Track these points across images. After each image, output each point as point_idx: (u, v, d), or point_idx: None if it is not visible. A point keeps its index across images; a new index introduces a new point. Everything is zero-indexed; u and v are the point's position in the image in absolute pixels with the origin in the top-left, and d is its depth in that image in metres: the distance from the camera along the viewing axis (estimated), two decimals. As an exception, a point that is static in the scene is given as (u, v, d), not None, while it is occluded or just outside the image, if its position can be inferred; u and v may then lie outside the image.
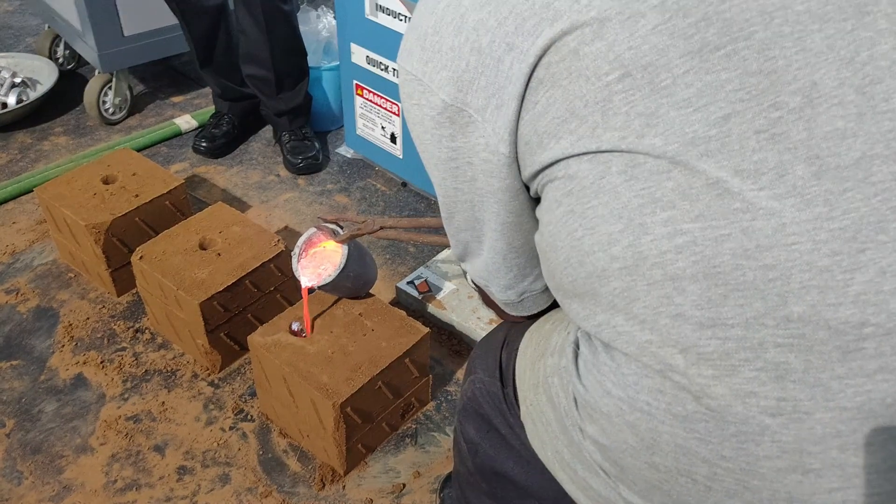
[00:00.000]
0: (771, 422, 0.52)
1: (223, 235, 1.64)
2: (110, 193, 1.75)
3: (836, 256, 0.50)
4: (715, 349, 0.53)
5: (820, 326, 0.51)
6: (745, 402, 0.53)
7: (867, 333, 0.50)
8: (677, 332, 0.54)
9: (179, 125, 2.37)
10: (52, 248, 1.91)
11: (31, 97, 2.40)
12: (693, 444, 0.55)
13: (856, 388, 0.51)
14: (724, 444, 0.54)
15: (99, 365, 1.62)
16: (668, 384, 0.56)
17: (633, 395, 0.58)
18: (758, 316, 0.51)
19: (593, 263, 0.58)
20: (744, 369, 0.52)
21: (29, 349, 1.65)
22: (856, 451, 0.52)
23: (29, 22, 2.99)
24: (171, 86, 2.63)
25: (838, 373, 0.51)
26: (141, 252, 1.59)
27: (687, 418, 0.55)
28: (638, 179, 0.54)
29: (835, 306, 0.50)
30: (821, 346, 0.51)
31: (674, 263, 0.53)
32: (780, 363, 0.51)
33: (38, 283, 1.82)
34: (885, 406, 0.51)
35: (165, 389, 1.58)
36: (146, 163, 1.86)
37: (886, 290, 0.50)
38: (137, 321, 1.73)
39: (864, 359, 0.50)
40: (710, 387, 0.53)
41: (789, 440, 0.52)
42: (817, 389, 0.51)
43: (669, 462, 0.57)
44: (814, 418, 0.52)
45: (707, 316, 0.53)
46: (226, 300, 1.54)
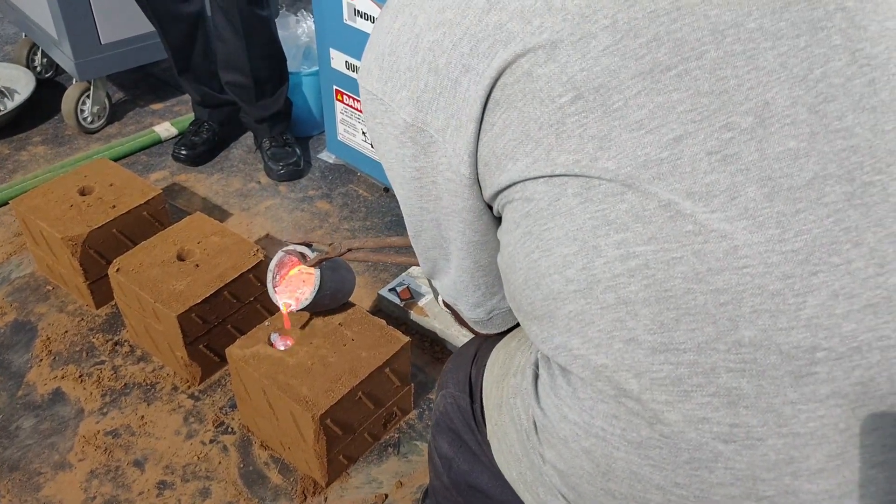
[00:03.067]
0: (724, 448, 0.52)
1: (202, 246, 1.62)
2: (87, 205, 1.73)
3: (789, 280, 0.50)
4: (668, 374, 0.52)
5: (771, 351, 0.50)
6: (698, 428, 0.52)
7: (819, 358, 0.50)
8: (630, 357, 0.53)
9: (159, 133, 2.34)
10: (30, 260, 1.89)
11: (8, 107, 2.38)
12: (647, 471, 0.55)
13: (808, 413, 0.50)
14: (678, 471, 0.53)
15: (77, 379, 1.60)
16: (622, 410, 0.55)
17: (589, 421, 0.57)
18: (709, 340, 0.51)
19: (549, 286, 0.57)
20: (696, 395, 0.51)
21: (6, 364, 1.63)
22: (809, 478, 0.51)
23: (6, 30, 2.96)
24: (150, 93, 2.60)
25: (791, 398, 0.50)
26: (118, 264, 1.57)
27: (641, 444, 0.54)
28: (592, 202, 0.53)
29: (786, 330, 0.50)
30: (772, 370, 0.50)
31: (626, 287, 0.53)
32: (732, 388, 0.51)
33: (16, 296, 1.80)
34: (839, 431, 0.50)
35: (145, 403, 1.56)
36: (123, 173, 1.84)
37: (839, 314, 0.49)
38: (116, 334, 1.71)
39: (816, 383, 0.50)
40: (664, 413, 0.53)
41: (742, 467, 0.52)
42: (769, 415, 0.50)
43: (624, 489, 0.56)
44: (766, 444, 0.51)
45: (659, 341, 0.52)
46: (204, 312, 1.52)
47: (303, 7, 2.67)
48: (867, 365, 0.49)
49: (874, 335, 0.49)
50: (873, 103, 0.51)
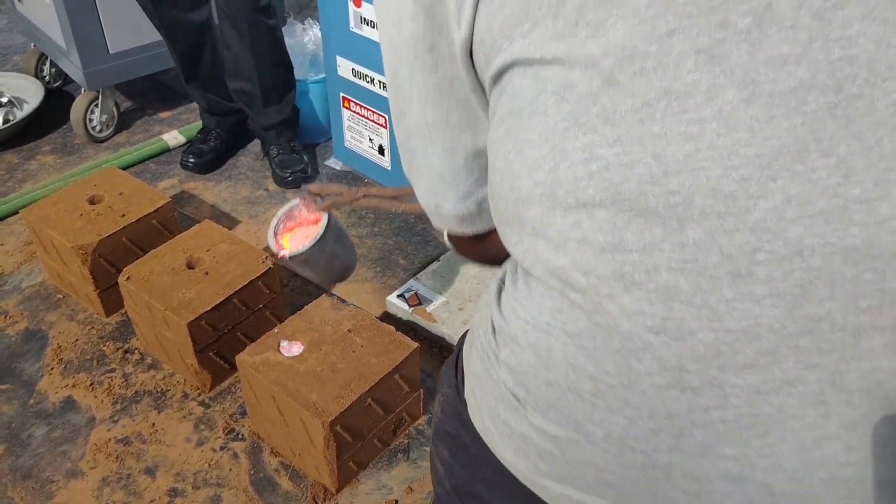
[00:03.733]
0: (654, 339, 0.53)
1: (210, 254, 1.63)
2: (97, 213, 1.75)
3: (745, 182, 0.49)
4: (612, 272, 0.53)
5: (713, 252, 0.50)
6: (632, 319, 0.53)
7: (759, 259, 0.50)
8: (581, 257, 0.54)
9: (167, 141, 2.36)
10: (40, 269, 1.90)
11: (17, 117, 2.39)
12: (581, 361, 0.56)
13: (742, 311, 0.50)
14: (608, 360, 0.55)
15: (88, 387, 1.61)
16: (565, 303, 0.56)
17: (536, 317, 0.59)
18: (655, 241, 0.51)
19: (520, 188, 0.57)
20: (636, 290, 0.53)
21: (18, 373, 1.64)
22: (736, 372, 0.52)
23: (15, 40, 2.98)
24: (158, 101, 2.62)
25: (726, 296, 0.50)
26: (128, 273, 1.58)
27: (577, 335, 0.56)
28: (567, 102, 0.53)
29: (731, 233, 0.50)
30: (712, 270, 0.50)
31: (585, 190, 0.53)
32: (670, 286, 0.51)
33: (27, 305, 1.81)
34: (772, 331, 0.50)
35: (156, 410, 1.57)
36: (132, 181, 1.85)
37: (788, 218, 0.49)
38: (127, 342, 1.72)
39: (753, 284, 0.50)
40: (603, 305, 0.54)
41: (670, 358, 0.52)
42: (703, 311, 0.51)
43: (561, 378, 0.58)
44: (696, 338, 0.52)
45: (609, 241, 0.53)
46: (214, 319, 1.53)
47: (310, 15, 2.68)
48: (807, 268, 0.49)
49: (820, 241, 0.49)
50: (886, 14, 0.48)
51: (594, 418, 0.57)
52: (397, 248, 1.98)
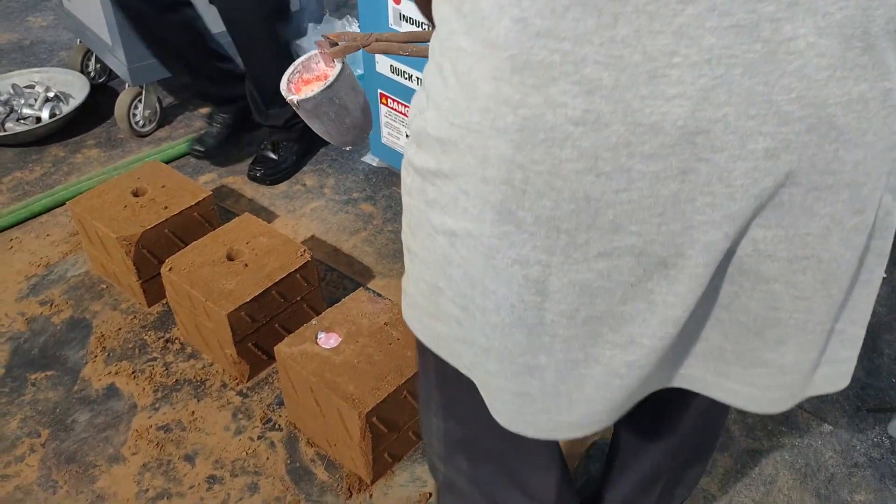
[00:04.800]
0: (574, 129, 0.57)
1: (250, 246, 1.66)
2: (140, 206, 1.78)
3: None
4: (543, 59, 0.57)
5: (637, 50, 0.55)
6: (556, 111, 0.57)
7: (675, 62, 0.55)
8: (515, 37, 0.58)
9: (208, 136, 2.39)
10: (85, 259, 1.95)
11: (63, 111, 2.45)
12: (511, 152, 0.60)
13: (653, 108, 0.56)
14: (535, 150, 0.59)
15: (130, 375, 1.65)
16: (492, 102, 0.60)
17: (468, 119, 0.62)
18: (587, 32, 0.55)
19: None
20: (561, 81, 0.57)
21: (63, 360, 1.69)
22: (641, 160, 0.57)
23: (62, 36, 3.06)
24: (198, 97, 2.66)
25: (641, 93, 0.56)
26: (170, 264, 1.62)
27: (506, 130, 0.59)
28: None
29: (655, 34, 0.55)
30: (633, 67, 0.55)
31: None
32: (594, 79, 0.56)
33: (72, 294, 1.86)
34: (675, 127, 0.56)
35: (195, 399, 1.60)
36: (175, 175, 1.89)
37: (707, 27, 0.54)
38: (168, 331, 1.76)
39: (667, 84, 0.55)
40: (528, 96, 0.58)
41: (587, 146, 0.57)
42: (619, 105, 0.56)
43: (494, 172, 0.61)
44: (611, 129, 0.57)
45: (545, 26, 0.56)
46: (253, 310, 1.56)
47: (349, 12, 2.71)
48: (713, 76, 0.55)
49: (727, 52, 0.55)
50: None
51: (525, 205, 0.61)
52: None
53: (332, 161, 2.34)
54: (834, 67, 0.56)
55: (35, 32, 3.11)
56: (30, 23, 3.19)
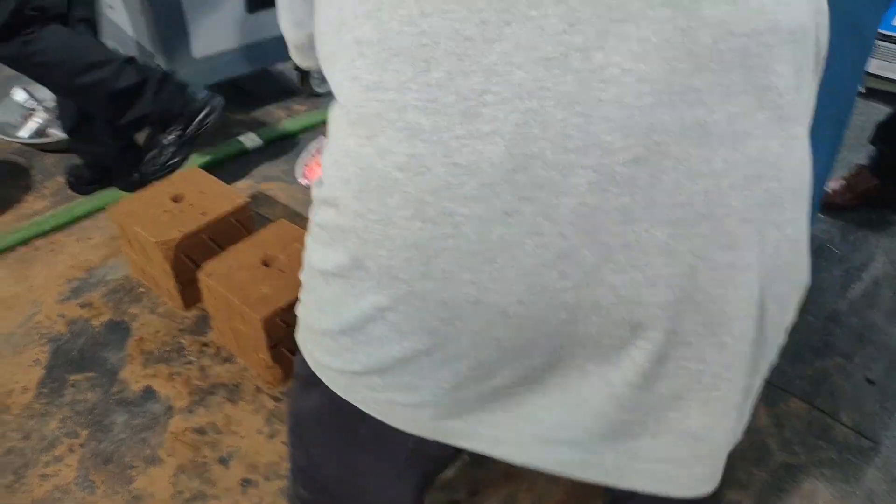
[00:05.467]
0: (400, 175, 0.57)
1: (286, 252, 1.68)
2: (179, 211, 1.81)
3: (484, 26, 0.55)
4: (372, 111, 0.58)
5: (450, 91, 0.55)
6: (384, 159, 0.58)
7: (487, 101, 0.54)
8: (352, 94, 0.60)
9: (244, 143, 2.43)
10: (125, 263, 1.98)
11: (105, 118, 2.50)
12: (351, 202, 0.61)
13: (470, 147, 0.55)
14: (370, 198, 0.59)
15: (167, 378, 1.67)
16: (341, 155, 0.62)
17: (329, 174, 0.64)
18: (407, 80, 0.56)
19: (319, 27, 0.66)
20: (388, 129, 0.57)
21: (101, 362, 1.72)
22: (463, 202, 0.56)
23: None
24: (234, 104, 2.70)
25: (457, 133, 0.55)
26: (208, 268, 1.64)
27: (349, 181, 0.61)
28: None
29: (467, 74, 0.55)
30: (448, 109, 0.55)
31: (360, 28, 0.59)
32: (414, 124, 0.56)
33: (111, 297, 1.89)
34: (492, 165, 0.55)
35: (230, 402, 1.62)
36: (213, 181, 1.92)
37: (515, 63, 0.54)
38: (204, 335, 1.78)
39: (480, 122, 0.55)
40: (362, 147, 0.59)
41: (412, 191, 0.57)
42: (438, 147, 0.56)
43: (344, 221, 0.62)
44: (432, 172, 0.56)
45: (373, 79, 0.58)
46: (288, 316, 1.57)
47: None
48: (524, 110, 0.54)
49: (537, 85, 0.54)
50: None
51: (367, 253, 0.62)
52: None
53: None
54: (659, 93, 0.54)
55: (79, 41, 3.18)
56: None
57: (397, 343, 0.64)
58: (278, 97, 2.74)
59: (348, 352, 0.68)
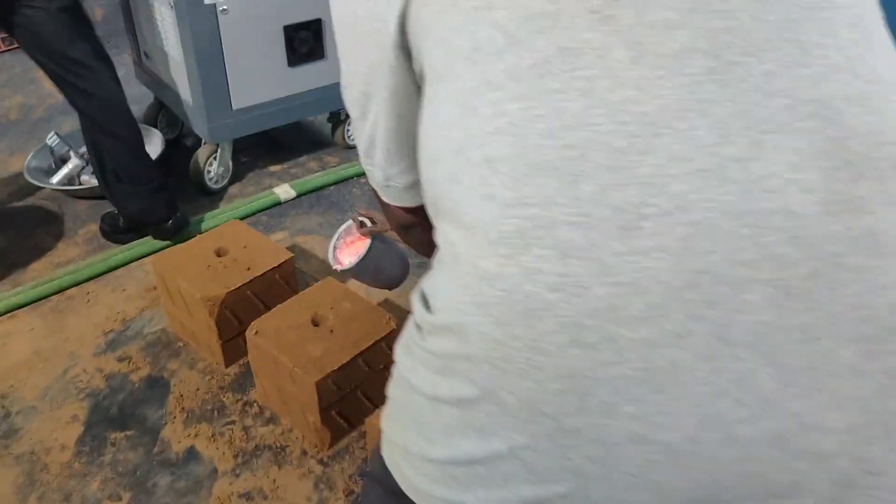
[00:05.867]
0: (553, 297, 0.53)
1: (334, 311, 1.66)
2: (223, 266, 1.79)
3: (634, 139, 0.53)
4: (514, 228, 0.55)
5: (605, 206, 0.52)
6: (532, 279, 0.54)
7: (646, 213, 0.52)
8: (487, 213, 0.56)
9: (279, 195, 2.42)
10: (161, 315, 1.95)
11: (138, 165, 2.50)
12: (489, 329, 0.56)
13: (632, 264, 0.52)
14: (515, 324, 0.55)
15: (210, 438, 1.63)
16: (472, 279, 0.57)
17: (452, 298, 0.60)
18: (553, 194, 0.54)
19: (435, 147, 0.62)
20: (535, 247, 0.54)
21: (142, 419, 1.68)
22: (629, 326, 0.52)
23: (131, 91, 3.12)
24: (268, 155, 2.70)
25: (616, 249, 0.52)
26: (256, 327, 1.61)
27: (484, 304, 0.56)
28: (476, 63, 0.57)
29: (621, 187, 0.52)
30: (603, 224, 0.52)
31: (492, 144, 0.56)
32: (566, 241, 0.53)
33: (149, 351, 1.86)
34: (659, 283, 0.51)
35: (276, 466, 1.58)
36: (255, 235, 1.90)
37: (671, 174, 0.52)
38: (246, 393, 1.75)
39: (641, 237, 0.52)
40: (505, 267, 0.55)
41: (568, 315, 0.53)
42: (596, 265, 0.52)
43: (475, 350, 0.58)
44: (591, 293, 0.52)
45: (512, 196, 0.55)
46: (339, 379, 1.54)
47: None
48: (689, 222, 0.51)
49: (699, 196, 0.51)
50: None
51: (506, 386, 0.57)
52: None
53: (401, 223, 2.35)
54: (825, 202, 0.52)
55: (107, 86, 3.18)
56: (102, 76, 3.27)
57: (529, 484, 0.57)
58: (311, 149, 2.75)
59: (458, 484, 0.62)
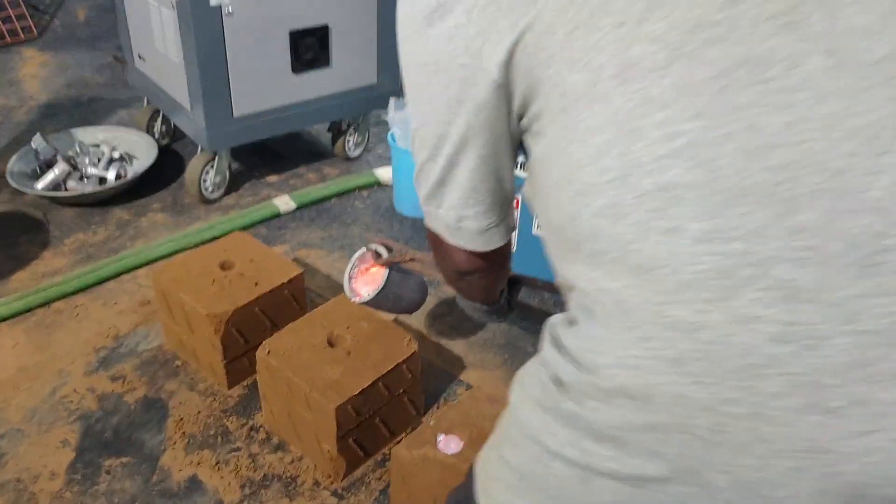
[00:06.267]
0: (778, 351, 0.45)
1: (351, 331, 1.55)
2: (229, 280, 1.68)
3: (854, 158, 0.45)
4: (713, 267, 0.46)
5: (834, 237, 0.44)
6: (747, 328, 0.45)
7: (888, 245, 0.44)
8: (669, 250, 0.48)
9: (278, 206, 2.32)
10: (157, 332, 1.83)
11: (128, 172, 2.38)
12: (690, 390, 0.47)
13: (880, 308, 0.44)
14: (726, 385, 0.46)
15: (214, 466, 1.51)
16: (654, 328, 0.48)
17: (622, 354, 0.50)
18: (763, 226, 0.45)
19: (582, 180, 0.52)
20: (746, 290, 0.45)
21: (139, 445, 1.55)
22: (884, 384, 0.43)
23: (120, 95, 3.01)
24: (264, 165, 2.60)
25: (857, 291, 0.44)
26: (268, 346, 1.51)
27: (679, 360, 0.48)
28: (631, 81, 0.49)
29: (851, 213, 0.44)
30: (835, 259, 0.44)
31: (669, 170, 0.48)
32: (788, 281, 0.45)
33: (144, 370, 1.73)
34: None
35: (287, 498, 1.46)
36: (261, 248, 1.80)
37: None
38: (251, 418, 1.63)
39: (886, 274, 0.44)
40: (707, 313, 0.46)
41: (802, 372, 0.44)
42: (833, 310, 0.44)
43: (665, 418, 0.49)
44: (830, 344, 0.44)
45: (704, 228, 0.47)
46: (359, 404, 1.44)
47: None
48: None
49: None
50: None
51: (715, 462, 0.48)
52: (524, 334, 1.89)
53: (407, 239, 2.26)
54: None
55: (93, 89, 3.06)
56: (87, 79, 3.15)
57: None
58: (309, 160, 2.65)
59: None
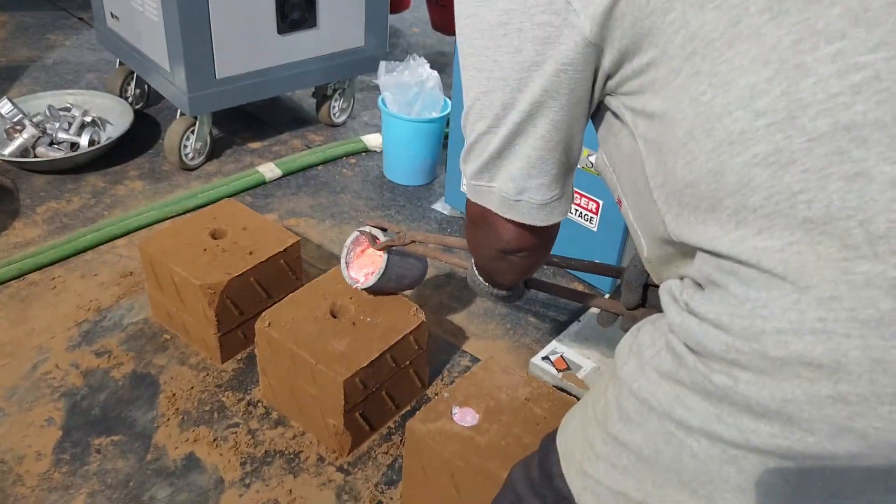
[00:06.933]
0: None
1: (354, 302, 1.49)
2: (222, 250, 1.60)
3: None
4: None
5: None
6: None
7: None
8: (856, 197, 0.43)
9: (264, 174, 2.22)
10: (143, 304, 1.74)
11: (102, 138, 2.25)
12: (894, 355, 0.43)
13: None
14: None
15: (212, 443, 1.44)
16: (844, 286, 0.43)
17: (797, 318, 0.45)
18: None
19: (728, 127, 0.47)
20: None
21: (130, 422, 1.47)
22: None
23: (87, 57, 2.86)
24: (246, 130, 2.49)
25: None
26: (268, 318, 1.43)
27: (882, 321, 0.43)
28: (789, 13, 0.45)
29: None
30: None
31: (850, 108, 0.43)
32: None
33: (131, 344, 1.65)
34: None
35: (290, 475, 1.40)
36: (254, 216, 1.71)
37: None
38: (248, 392, 1.56)
39: None
40: None
41: None
42: None
43: (862, 388, 0.44)
44: None
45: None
46: (366, 376, 1.38)
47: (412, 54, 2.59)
48: None
49: None
50: None
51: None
52: (524, 303, 1.84)
53: (399, 207, 2.19)
54: None
55: (58, 51, 2.90)
56: (50, 40, 2.99)
57: None
58: (293, 126, 2.55)
59: None
